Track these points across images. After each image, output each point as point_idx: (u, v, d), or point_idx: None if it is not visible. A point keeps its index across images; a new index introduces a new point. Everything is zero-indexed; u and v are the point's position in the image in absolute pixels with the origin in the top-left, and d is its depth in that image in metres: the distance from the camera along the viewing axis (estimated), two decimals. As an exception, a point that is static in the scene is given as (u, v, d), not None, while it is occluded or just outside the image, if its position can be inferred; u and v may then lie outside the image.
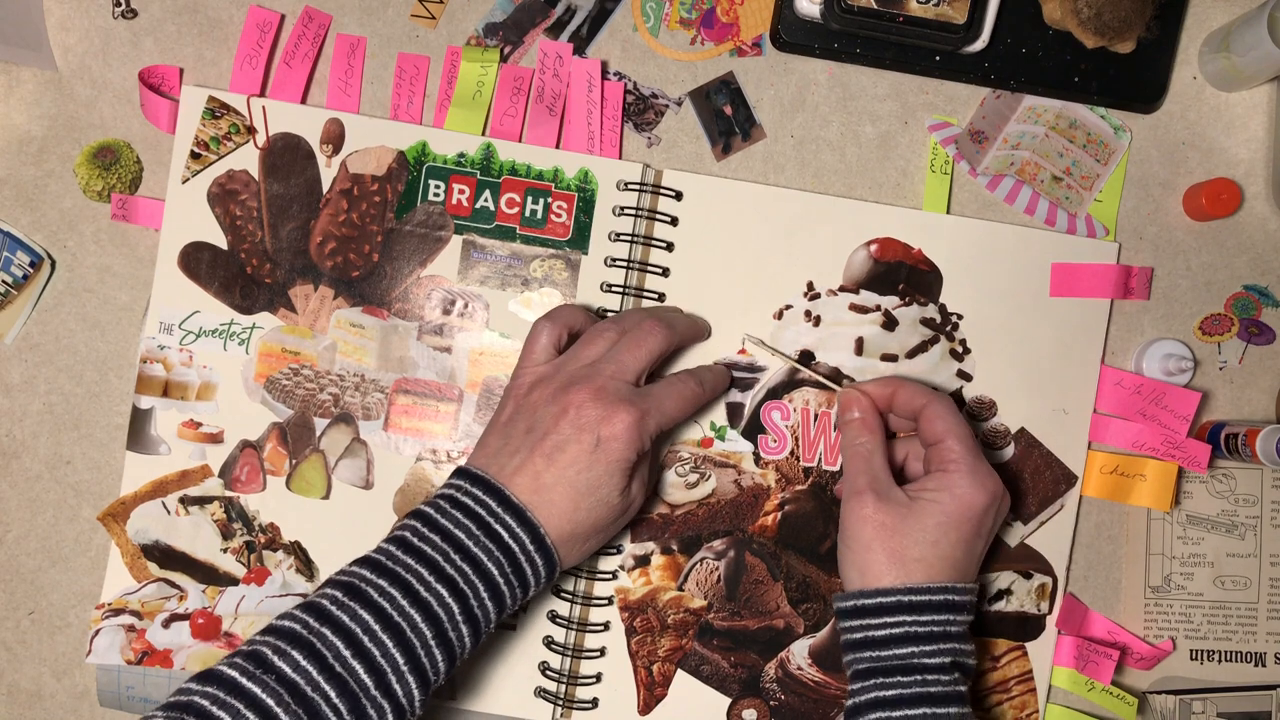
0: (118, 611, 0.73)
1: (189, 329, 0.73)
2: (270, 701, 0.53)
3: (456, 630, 0.58)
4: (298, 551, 0.73)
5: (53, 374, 0.75)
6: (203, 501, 0.73)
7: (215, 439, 0.74)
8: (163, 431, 0.73)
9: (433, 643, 0.57)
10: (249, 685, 0.54)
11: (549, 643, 0.73)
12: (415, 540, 0.59)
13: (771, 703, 0.74)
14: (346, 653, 0.55)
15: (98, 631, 0.72)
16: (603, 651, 0.73)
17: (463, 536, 0.59)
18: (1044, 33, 0.74)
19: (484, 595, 0.59)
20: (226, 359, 0.74)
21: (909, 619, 0.61)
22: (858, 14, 0.71)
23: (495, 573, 0.59)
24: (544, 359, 0.66)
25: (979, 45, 0.73)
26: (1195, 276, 0.77)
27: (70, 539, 0.75)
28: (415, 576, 0.58)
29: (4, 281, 0.73)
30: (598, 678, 0.73)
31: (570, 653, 0.73)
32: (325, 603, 0.57)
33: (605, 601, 0.73)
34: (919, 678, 0.60)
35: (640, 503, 0.66)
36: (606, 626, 0.73)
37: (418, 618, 0.57)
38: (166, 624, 0.72)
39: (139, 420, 0.73)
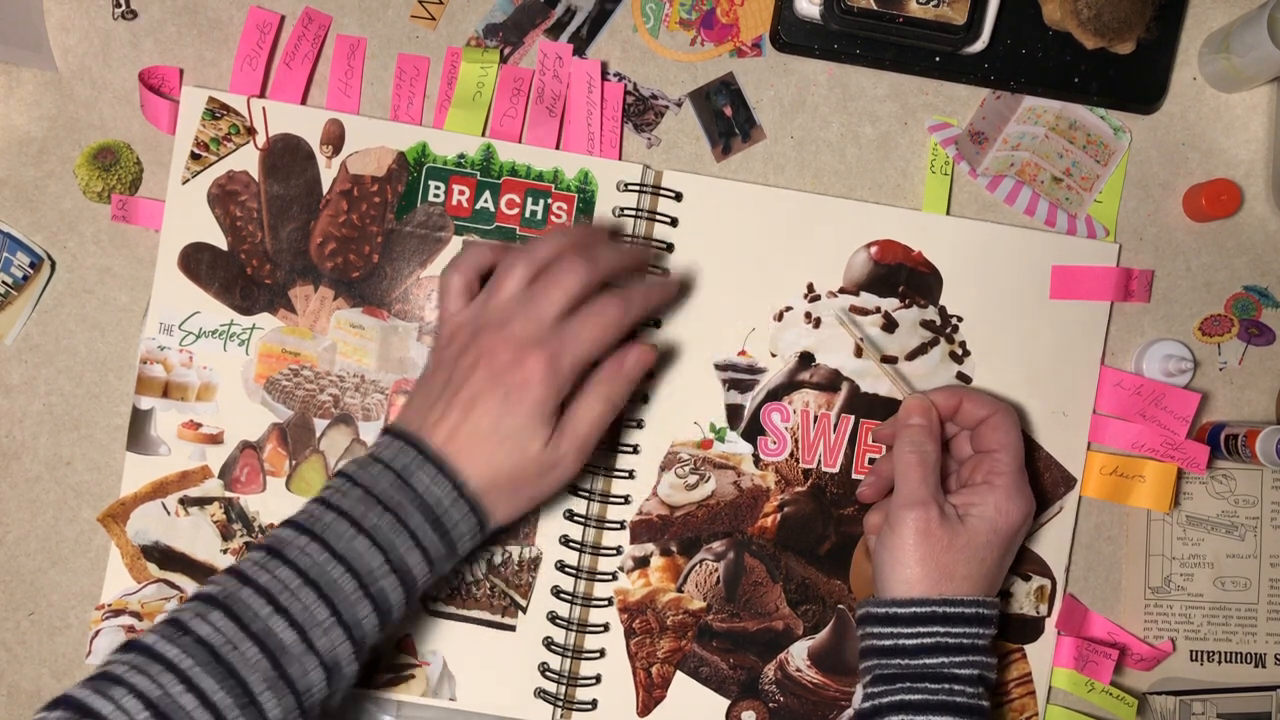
0: (118, 612, 0.73)
1: (189, 330, 0.73)
2: (189, 662, 0.53)
3: (384, 581, 0.57)
4: (298, 552, 0.73)
5: (53, 375, 0.75)
6: (203, 502, 0.74)
7: (215, 440, 0.74)
8: (163, 432, 0.73)
9: (355, 595, 0.56)
10: (165, 648, 0.53)
11: (549, 644, 0.73)
12: (335, 498, 0.59)
13: (770, 704, 0.74)
14: (265, 610, 0.55)
15: (98, 632, 0.72)
16: (602, 653, 0.74)
17: (379, 491, 0.59)
18: (1044, 33, 0.74)
19: (407, 547, 0.58)
20: (226, 360, 0.74)
21: (941, 630, 0.61)
22: (857, 15, 0.71)
23: (413, 525, 0.59)
24: (458, 307, 0.64)
25: (979, 46, 0.73)
26: (1195, 277, 0.77)
27: (70, 540, 0.75)
28: (332, 533, 0.57)
29: (4, 282, 0.73)
30: (597, 679, 0.73)
31: (570, 654, 0.73)
32: (246, 565, 0.57)
33: (605, 603, 0.73)
34: (947, 686, 0.61)
35: (573, 461, 0.63)
36: (606, 628, 0.73)
37: (337, 572, 0.56)
38: (166, 625, 0.72)
39: (139, 421, 0.73)
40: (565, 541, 0.74)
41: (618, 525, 0.74)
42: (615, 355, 0.64)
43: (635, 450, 0.73)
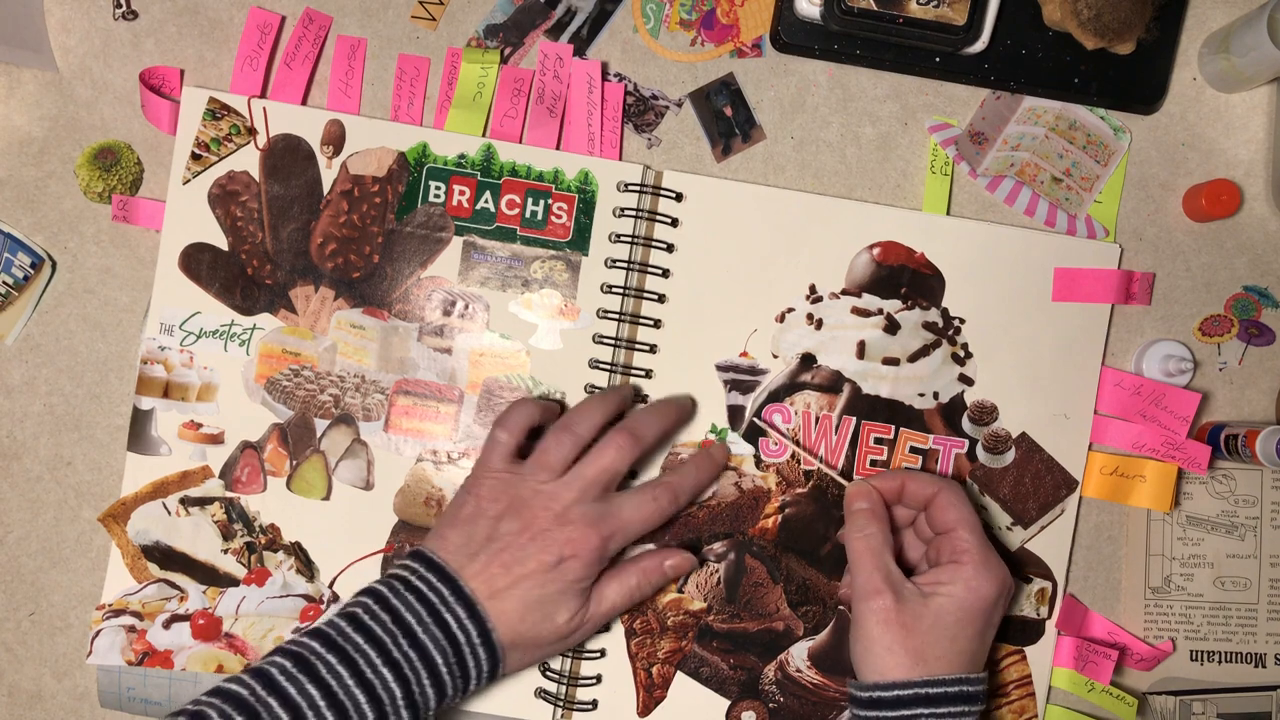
0: (118, 612, 0.73)
1: (190, 330, 0.73)
2: None
3: (398, 715, 0.59)
4: (298, 552, 0.74)
5: (53, 375, 0.75)
6: (203, 502, 0.74)
7: (216, 440, 0.74)
8: (163, 432, 0.73)
9: None
10: None
11: (549, 644, 0.73)
12: (366, 619, 0.60)
13: (770, 705, 0.74)
14: None
15: (98, 632, 0.72)
16: (603, 653, 0.74)
17: (412, 621, 0.61)
18: (1044, 34, 0.74)
19: (426, 682, 0.60)
20: (227, 360, 0.74)
21: (926, 711, 0.61)
22: (858, 15, 0.71)
23: (439, 661, 0.60)
24: (503, 466, 0.66)
25: (979, 46, 0.73)
26: (1195, 277, 0.77)
27: (71, 540, 0.75)
28: (363, 656, 0.59)
29: (5, 283, 0.73)
30: (598, 679, 0.73)
31: (570, 653, 0.73)
32: (274, 671, 0.58)
33: (605, 602, 0.74)
34: None
35: (587, 634, 0.67)
36: (607, 628, 0.73)
37: (362, 698, 0.58)
38: (167, 625, 0.73)
39: (140, 421, 0.73)
40: (566, 542, 0.74)
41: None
42: (659, 553, 0.69)
43: (636, 450, 0.74)
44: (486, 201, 0.74)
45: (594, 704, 0.74)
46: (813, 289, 0.74)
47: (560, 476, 0.65)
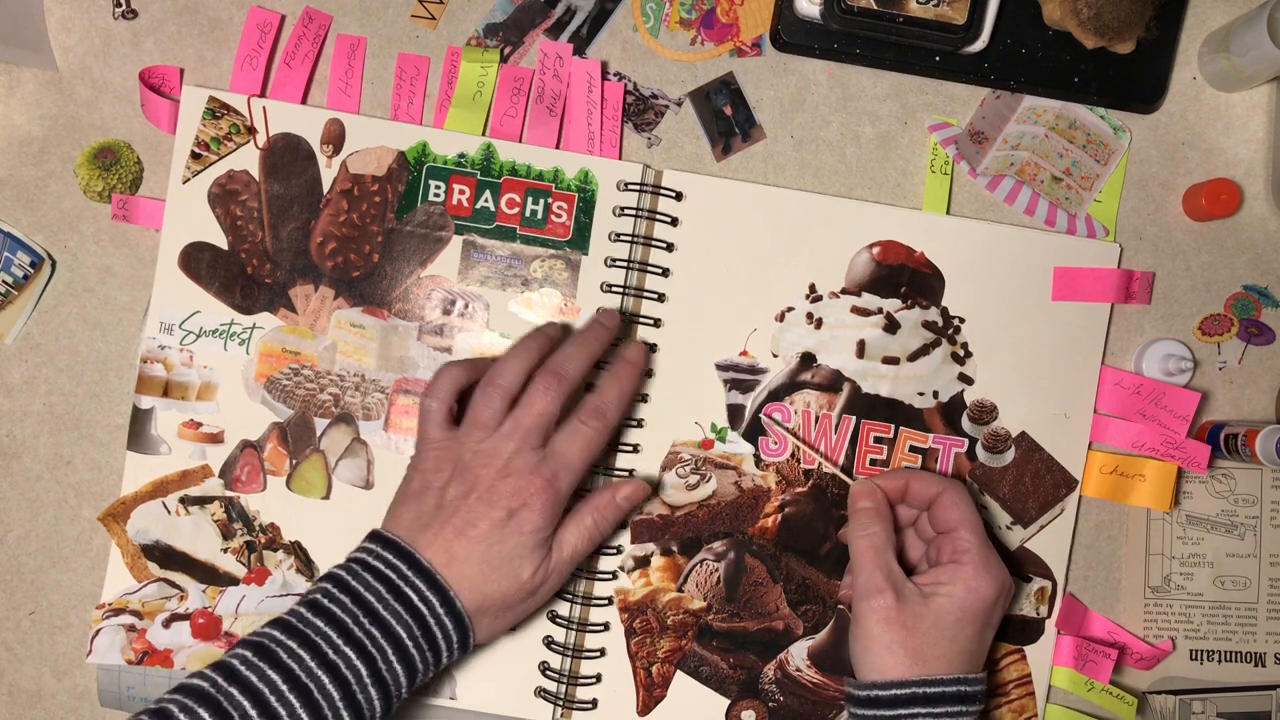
0: (118, 611, 0.73)
1: (189, 329, 0.73)
2: None
3: (365, 693, 0.59)
4: (298, 551, 0.74)
5: (53, 374, 0.75)
6: (203, 501, 0.74)
7: (215, 439, 0.74)
8: (163, 431, 0.73)
9: (340, 705, 0.58)
10: None
11: (549, 643, 0.73)
12: (326, 602, 0.60)
13: (770, 704, 0.74)
14: (252, 712, 0.56)
15: (98, 631, 0.72)
16: (602, 652, 0.74)
17: (372, 599, 0.60)
18: (1044, 33, 0.74)
19: (393, 658, 0.60)
20: (227, 359, 0.74)
21: (923, 711, 0.61)
22: (857, 14, 0.71)
23: (404, 636, 0.60)
24: (440, 435, 0.66)
25: (979, 46, 0.73)
26: (1195, 277, 0.77)
27: (71, 539, 0.75)
28: (324, 638, 0.59)
29: (4, 282, 0.73)
30: (597, 678, 0.73)
31: (570, 653, 0.73)
32: (235, 662, 0.58)
33: (605, 602, 0.74)
34: None
35: (554, 586, 0.66)
36: (606, 627, 0.73)
37: (325, 679, 0.58)
38: (167, 624, 0.73)
39: (139, 420, 0.73)
40: (566, 541, 0.74)
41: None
42: (609, 487, 0.68)
43: (636, 450, 0.74)
44: (486, 200, 0.74)
45: (594, 703, 0.74)
46: (812, 288, 0.74)
47: (496, 431, 0.65)
